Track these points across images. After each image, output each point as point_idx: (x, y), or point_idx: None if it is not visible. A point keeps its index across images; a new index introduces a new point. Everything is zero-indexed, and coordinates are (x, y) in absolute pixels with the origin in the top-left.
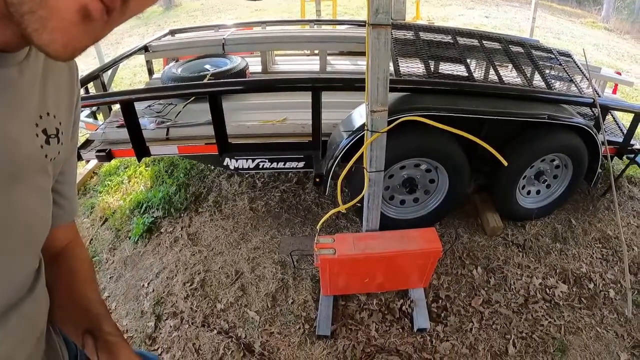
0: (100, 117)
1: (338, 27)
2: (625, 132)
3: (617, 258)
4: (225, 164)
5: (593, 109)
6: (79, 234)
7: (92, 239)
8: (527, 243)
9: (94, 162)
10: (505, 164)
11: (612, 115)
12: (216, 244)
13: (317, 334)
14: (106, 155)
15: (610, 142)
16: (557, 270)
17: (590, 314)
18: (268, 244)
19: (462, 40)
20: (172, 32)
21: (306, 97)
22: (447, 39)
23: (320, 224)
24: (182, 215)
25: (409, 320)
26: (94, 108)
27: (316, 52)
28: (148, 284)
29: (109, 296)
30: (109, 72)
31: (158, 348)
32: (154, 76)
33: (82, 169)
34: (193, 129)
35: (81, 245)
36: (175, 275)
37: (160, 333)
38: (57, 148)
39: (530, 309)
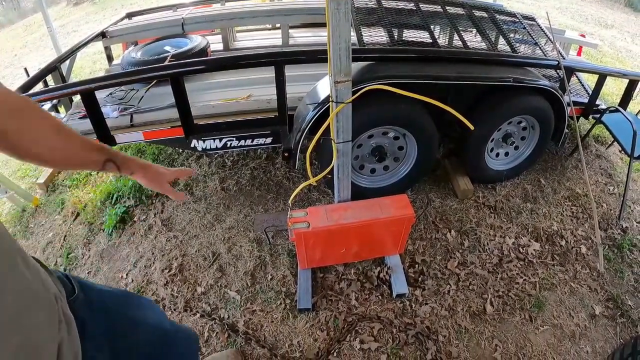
0: (62, 109)
1: None
2: (590, 93)
3: (586, 215)
4: (192, 145)
5: (558, 71)
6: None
7: (65, 236)
8: (498, 204)
9: None
10: (472, 128)
11: (577, 76)
12: (190, 228)
13: (298, 307)
14: None
15: (576, 103)
16: (529, 229)
17: (563, 270)
18: (242, 223)
19: (425, 7)
20: (129, 15)
21: (270, 72)
22: (410, 6)
23: (292, 198)
24: (154, 201)
25: (387, 286)
26: (55, 101)
27: (278, 25)
28: (127, 274)
29: None
30: (67, 62)
31: None
32: (114, 62)
33: None
34: (157, 113)
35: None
36: (153, 263)
37: None
38: None
39: (505, 268)
